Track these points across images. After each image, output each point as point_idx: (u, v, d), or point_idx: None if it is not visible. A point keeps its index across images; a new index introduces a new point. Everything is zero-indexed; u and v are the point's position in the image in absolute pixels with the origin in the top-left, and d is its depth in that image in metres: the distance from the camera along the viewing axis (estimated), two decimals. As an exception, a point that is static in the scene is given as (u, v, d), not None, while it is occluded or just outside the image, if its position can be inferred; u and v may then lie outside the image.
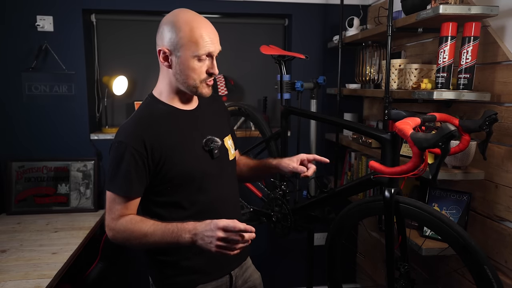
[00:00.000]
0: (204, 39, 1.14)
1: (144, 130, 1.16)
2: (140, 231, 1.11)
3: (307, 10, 2.52)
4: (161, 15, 2.52)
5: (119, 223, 1.14)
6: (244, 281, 1.39)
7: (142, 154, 1.13)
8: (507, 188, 1.50)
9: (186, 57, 1.14)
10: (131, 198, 1.16)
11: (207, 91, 1.21)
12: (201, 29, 1.14)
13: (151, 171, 1.16)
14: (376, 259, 2.44)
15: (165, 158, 1.16)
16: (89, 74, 2.43)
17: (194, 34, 1.13)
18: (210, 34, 1.16)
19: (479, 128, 1.35)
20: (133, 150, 1.13)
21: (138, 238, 1.11)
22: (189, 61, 1.15)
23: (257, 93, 2.70)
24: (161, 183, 1.18)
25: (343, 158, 2.53)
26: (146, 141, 1.14)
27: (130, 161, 1.12)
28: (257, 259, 1.79)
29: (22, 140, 2.34)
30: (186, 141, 1.21)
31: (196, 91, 1.20)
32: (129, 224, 1.13)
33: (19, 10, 2.26)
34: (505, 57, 1.49)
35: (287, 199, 1.95)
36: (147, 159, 1.14)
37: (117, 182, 1.14)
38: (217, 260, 1.23)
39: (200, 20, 1.17)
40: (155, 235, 1.10)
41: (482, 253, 1.19)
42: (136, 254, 2.44)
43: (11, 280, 1.53)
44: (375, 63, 2.12)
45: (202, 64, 1.16)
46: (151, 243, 1.11)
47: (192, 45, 1.13)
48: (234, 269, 1.34)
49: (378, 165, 1.30)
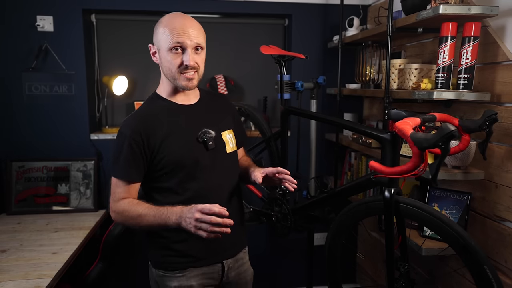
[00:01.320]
0: (173, 32, 1.23)
1: (142, 122, 1.28)
2: (135, 212, 1.23)
3: (307, 10, 2.52)
4: (161, 15, 2.50)
5: (119, 204, 1.27)
6: (237, 274, 1.45)
7: (139, 143, 1.25)
8: (507, 188, 1.50)
9: (163, 51, 1.27)
10: (130, 183, 1.28)
11: (186, 83, 1.29)
12: (174, 23, 1.25)
13: (148, 158, 1.28)
14: (376, 259, 2.44)
15: (159, 146, 1.27)
16: (89, 74, 2.43)
17: (167, 28, 1.25)
18: (183, 27, 1.24)
19: (479, 128, 1.35)
20: (131, 140, 1.25)
21: (134, 218, 1.23)
22: (165, 54, 1.26)
23: (257, 93, 2.70)
24: (157, 169, 1.29)
25: (343, 158, 2.53)
26: (142, 132, 1.26)
27: (129, 149, 1.25)
28: (257, 259, 1.80)
29: (22, 140, 2.34)
30: (181, 133, 1.31)
31: (176, 83, 1.30)
32: (127, 206, 1.25)
33: (19, 10, 2.26)
34: (505, 57, 1.49)
35: (287, 199, 1.95)
36: (143, 147, 1.26)
37: (118, 167, 1.28)
38: (209, 246, 1.33)
39: (176, 16, 1.28)
40: (148, 216, 1.21)
41: (482, 253, 1.19)
42: (136, 254, 2.44)
43: (11, 280, 1.53)
44: (375, 63, 2.12)
45: (176, 56, 1.25)
46: (145, 223, 1.22)
47: (166, 38, 1.24)
48: (227, 259, 1.41)
49: (378, 165, 1.30)
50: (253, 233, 2.58)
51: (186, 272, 1.34)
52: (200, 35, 1.28)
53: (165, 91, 1.36)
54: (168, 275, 1.34)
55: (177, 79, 1.28)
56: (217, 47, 2.58)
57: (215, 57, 2.58)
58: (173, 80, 1.30)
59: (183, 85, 1.29)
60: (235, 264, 1.44)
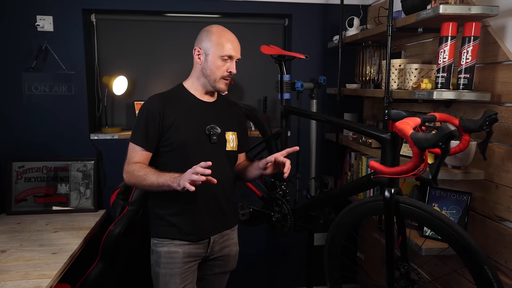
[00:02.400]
0: (228, 45, 1.50)
1: (163, 103, 1.51)
2: (142, 171, 1.43)
3: (307, 10, 2.52)
4: (161, 15, 2.52)
5: (130, 166, 1.47)
6: (221, 248, 1.63)
7: (156, 118, 1.48)
8: (507, 188, 1.50)
9: (213, 56, 1.50)
10: (144, 150, 1.49)
11: (223, 87, 1.55)
12: (227, 37, 1.51)
13: (160, 132, 1.49)
14: (376, 259, 2.44)
15: (171, 126, 1.49)
16: (89, 74, 2.43)
17: (221, 40, 1.50)
18: (233, 43, 1.52)
19: (479, 128, 1.35)
20: (151, 114, 1.48)
21: (140, 177, 1.43)
22: (215, 60, 1.50)
23: (257, 93, 2.70)
24: (163, 145, 1.51)
25: (343, 158, 2.53)
26: (161, 109, 1.49)
27: (147, 121, 1.48)
28: (257, 259, 1.80)
29: (22, 140, 2.34)
30: (192, 121, 1.52)
31: (215, 85, 1.53)
32: (137, 167, 1.46)
33: (19, 10, 2.26)
34: (505, 57, 1.49)
35: (287, 199, 1.95)
36: (159, 123, 1.48)
37: (136, 134, 1.50)
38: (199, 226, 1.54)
39: (228, 32, 1.54)
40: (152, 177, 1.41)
41: (482, 253, 1.19)
42: (136, 254, 2.44)
43: (11, 280, 1.53)
44: (375, 63, 2.12)
45: (224, 64, 1.50)
46: (147, 182, 1.41)
47: (219, 48, 1.49)
48: (214, 235, 1.59)
49: (378, 165, 1.30)
50: (253, 233, 2.58)
51: (175, 241, 1.53)
52: (240, 51, 1.55)
53: (193, 87, 1.58)
54: (159, 242, 1.54)
55: (217, 82, 1.52)
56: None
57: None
58: (213, 81, 1.52)
59: (221, 88, 1.54)
60: (221, 239, 1.62)
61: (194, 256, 1.56)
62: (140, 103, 2.50)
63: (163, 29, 2.55)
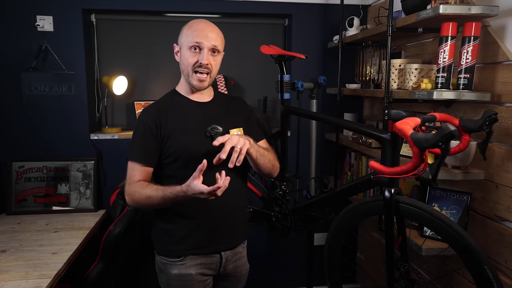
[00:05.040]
0: (194, 32, 1.36)
1: (157, 112, 1.41)
2: (145, 194, 1.32)
3: (307, 10, 2.52)
4: (161, 15, 2.52)
5: (132, 187, 1.36)
6: (235, 267, 1.52)
7: (153, 130, 1.38)
8: (507, 188, 1.50)
9: (183, 49, 1.39)
10: (144, 166, 1.38)
11: (196, 83, 1.40)
12: (197, 26, 1.39)
13: (160, 143, 1.39)
14: (376, 259, 2.44)
15: (170, 134, 1.38)
16: (89, 74, 2.43)
17: (190, 30, 1.38)
18: (204, 30, 1.37)
19: (479, 128, 1.35)
20: (147, 127, 1.38)
21: (143, 200, 1.32)
22: (184, 51, 1.39)
23: (257, 93, 2.70)
24: (165, 157, 1.40)
25: (343, 158, 2.53)
26: (157, 120, 1.39)
27: (144, 135, 1.38)
28: (257, 259, 1.80)
29: (22, 140, 2.34)
30: (191, 126, 1.41)
31: (189, 81, 1.41)
32: (138, 187, 1.34)
33: (19, 10, 2.26)
34: (505, 57, 1.49)
35: (287, 199, 1.95)
36: (157, 135, 1.38)
37: (134, 151, 1.40)
38: (208, 237, 1.43)
39: (202, 21, 1.41)
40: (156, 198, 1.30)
41: (482, 253, 1.19)
42: (136, 254, 2.44)
43: (11, 280, 1.53)
44: (375, 63, 2.12)
45: (194, 54, 1.37)
46: (155, 203, 1.32)
47: (187, 38, 1.38)
48: (225, 250, 1.47)
49: (378, 165, 1.30)
50: (253, 233, 2.58)
51: (186, 260, 1.41)
52: (218, 40, 1.40)
53: (182, 88, 1.48)
54: (169, 263, 1.43)
55: (190, 77, 1.39)
56: (217, 47, 2.58)
57: (215, 57, 2.57)
58: (187, 77, 1.41)
59: (194, 84, 1.40)
60: (234, 257, 1.51)
61: (207, 270, 1.45)
62: (140, 103, 2.51)
63: (163, 29, 2.55)
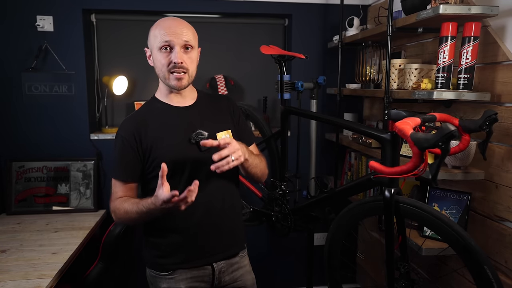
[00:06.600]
0: (161, 32, 1.27)
1: (136, 124, 1.33)
2: (123, 209, 1.27)
3: (307, 10, 2.52)
4: (161, 15, 2.52)
5: (114, 204, 1.31)
6: (233, 279, 1.43)
7: (132, 144, 1.30)
8: (507, 188, 1.50)
9: (154, 51, 1.31)
10: (126, 183, 1.33)
11: (175, 83, 1.31)
12: (163, 24, 1.29)
13: (141, 158, 1.32)
14: (376, 259, 2.44)
15: (151, 146, 1.31)
16: (89, 74, 2.43)
17: (156, 29, 1.30)
18: (171, 27, 1.28)
19: (479, 128, 1.34)
20: (126, 141, 1.31)
21: (123, 215, 1.27)
22: (155, 54, 1.30)
23: (257, 93, 2.70)
24: (150, 171, 1.33)
25: (343, 158, 2.53)
26: (136, 133, 1.31)
27: (123, 150, 1.31)
28: (257, 259, 1.80)
29: (22, 140, 2.34)
30: (174, 134, 1.33)
31: (167, 83, 1.32)
32: (118, 204, 1.29)
33: (19, 10, 2.26)
34: (505, 57, 1.49)
35: (287, 199, 1.95)
36: (137, 148, 1.31)
37: (115, 167, 1.35)
38: (198, 248, 1.36)
39: (166, 19, 1.32)
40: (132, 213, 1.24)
41: (482, 253, 1.19)
42: (136, 254, 2.44)
43: (11, 280, 1.53)
44: (375, 63, 2.12)
45: (166, 55, 1.28)
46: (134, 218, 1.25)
47: (155, 39, 1.29)
48: (217, 261, 1.39)
49: (378, 165, 1.30)
50: (253, 233, 2.58)
51: (175, 274, 1.35)
52: (189, 34, 1.30)
53: (161, 94, 1.39)
54: (158, 276, 1.37)
55: (167, 78, 1.31)
56: (217, 47, 2.58)
57: (215, 57, 2.58)
58: (164, 80, 1.32)
59: (173, 84, 1.31)
60: (229, 268, 1.42)
61: (199, 283, 1.38)
62: (140, 103, 2.51)
63: (163, 29, 2.54)
